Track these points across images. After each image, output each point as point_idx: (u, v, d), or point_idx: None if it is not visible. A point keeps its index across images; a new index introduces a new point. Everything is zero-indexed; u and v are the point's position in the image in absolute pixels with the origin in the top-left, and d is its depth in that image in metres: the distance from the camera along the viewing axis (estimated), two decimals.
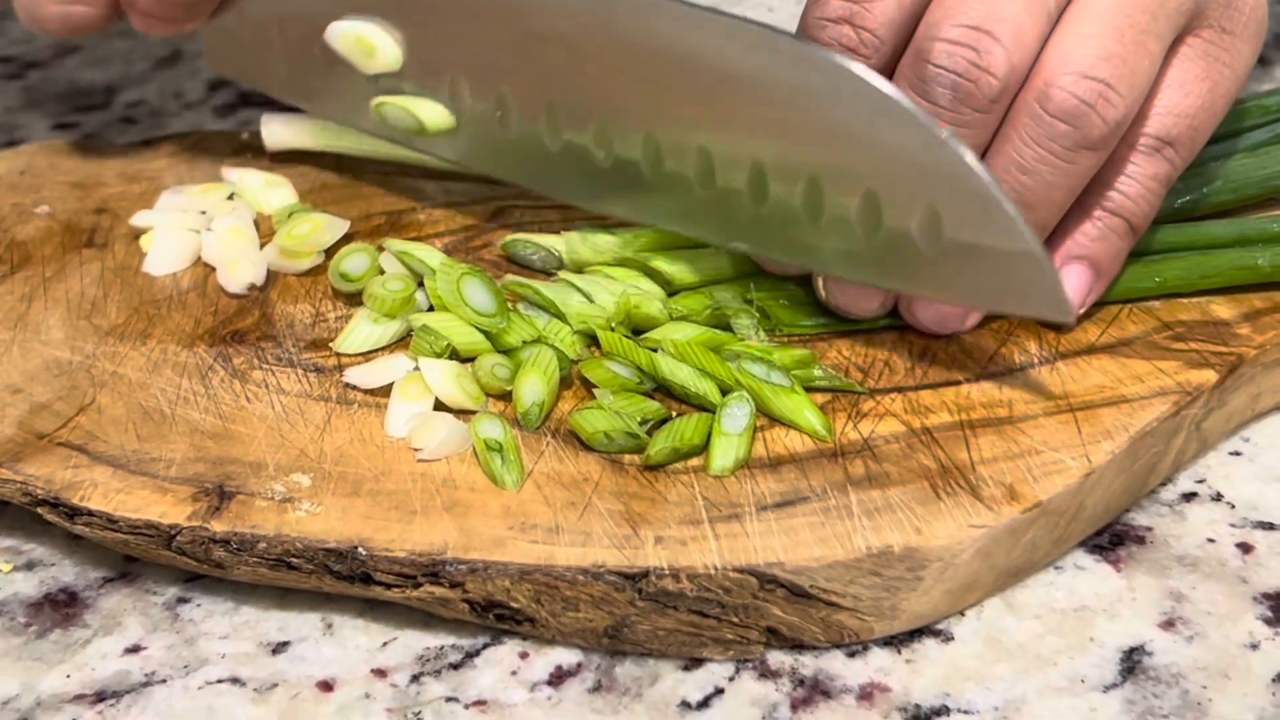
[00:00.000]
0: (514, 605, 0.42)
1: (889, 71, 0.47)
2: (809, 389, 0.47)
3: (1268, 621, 0.44)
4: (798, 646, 0.43)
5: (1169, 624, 0.44)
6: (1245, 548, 0.46)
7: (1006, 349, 0.49)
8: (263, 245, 0.55)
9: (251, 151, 0.62)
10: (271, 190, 0.58)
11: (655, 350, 0.47)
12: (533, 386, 0.46)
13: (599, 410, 0.45)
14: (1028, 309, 0.44)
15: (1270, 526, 0.47)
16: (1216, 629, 0.43)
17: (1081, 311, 0.49)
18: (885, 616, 0.42)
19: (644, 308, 0.49)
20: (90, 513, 0.44)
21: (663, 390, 0.48)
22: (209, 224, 0.56)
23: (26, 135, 0.72)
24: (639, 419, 0.46)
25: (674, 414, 0.47)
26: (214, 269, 0.54)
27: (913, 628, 0.43)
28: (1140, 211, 0.48)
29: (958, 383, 0.47)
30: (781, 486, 0.44)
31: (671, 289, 0.51)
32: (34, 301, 0.53)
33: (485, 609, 0.42)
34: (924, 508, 0.43)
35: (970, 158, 0.42)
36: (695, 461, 0.45)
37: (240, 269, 0.53)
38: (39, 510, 0.45)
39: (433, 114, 0.54)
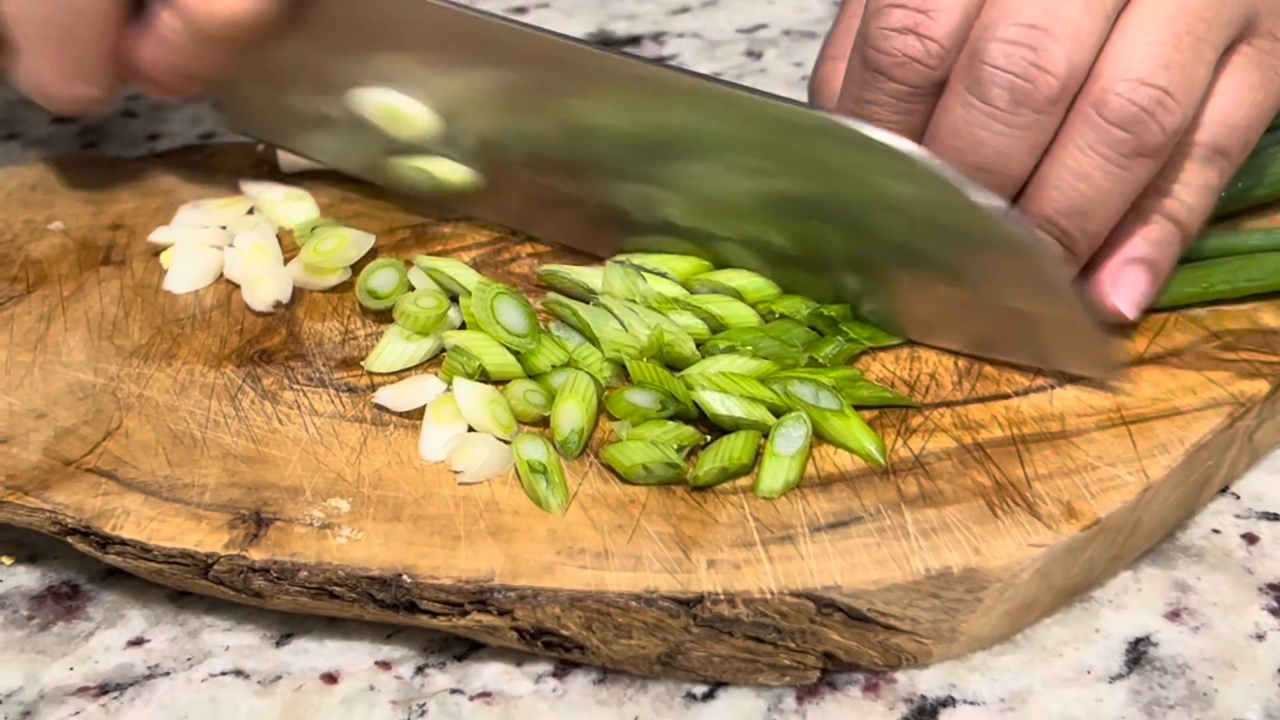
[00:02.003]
0: (564, 633, 0.41)
1: (940, 82, 0.46)
2: (857, 406, 0.46)
3: (1273, 612, 0.43)
4: (857, 671, 0.42)
5: (1175, 615, 0.43)
6: (1250, 539, 0.46)
7: None
8: (286, 261, 0.54)
9: (268, 164, 0.60)
10: (292, 204, 0.56)
11: (691, 389, 0.46)
12: (571, 414, 0.45)
13: (634, 443, 0.44)
14: (1077, 368, 0.47)
15: (1275, 517, 0.46)
16: (1222, 620, 0.43)
17: (1139, 314, 0.48)
18: (944, 639, 0.41)
19: (676, 347, 0.47)
20: (123, 542, 0.43)
21: (704, 420, 0.46)
22: (230, 240, 0.54)
23: (26, 129, 0.71)
24: (675, 446, 0.44)
25: (708, 438, 0.46)
26: (237, 286, 0.53)
27: (970, 651, 0.42)
28: (1194, 218, 0.48)
29: (1007, 396, 0.46)
30: (834, 506, 0.43)
31: (719, 325, 0.49)
32: (53, 322, 0.52)
33: (534, 636, 0.41)
34: (981, 527, 0.42)
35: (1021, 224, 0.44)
36: (744, 481, 0.44)
37: (265, 286, 0.52)
38: (69, 540, 0.44)
39: (452, 171, 0.54)
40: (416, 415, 0.47)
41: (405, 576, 0.41)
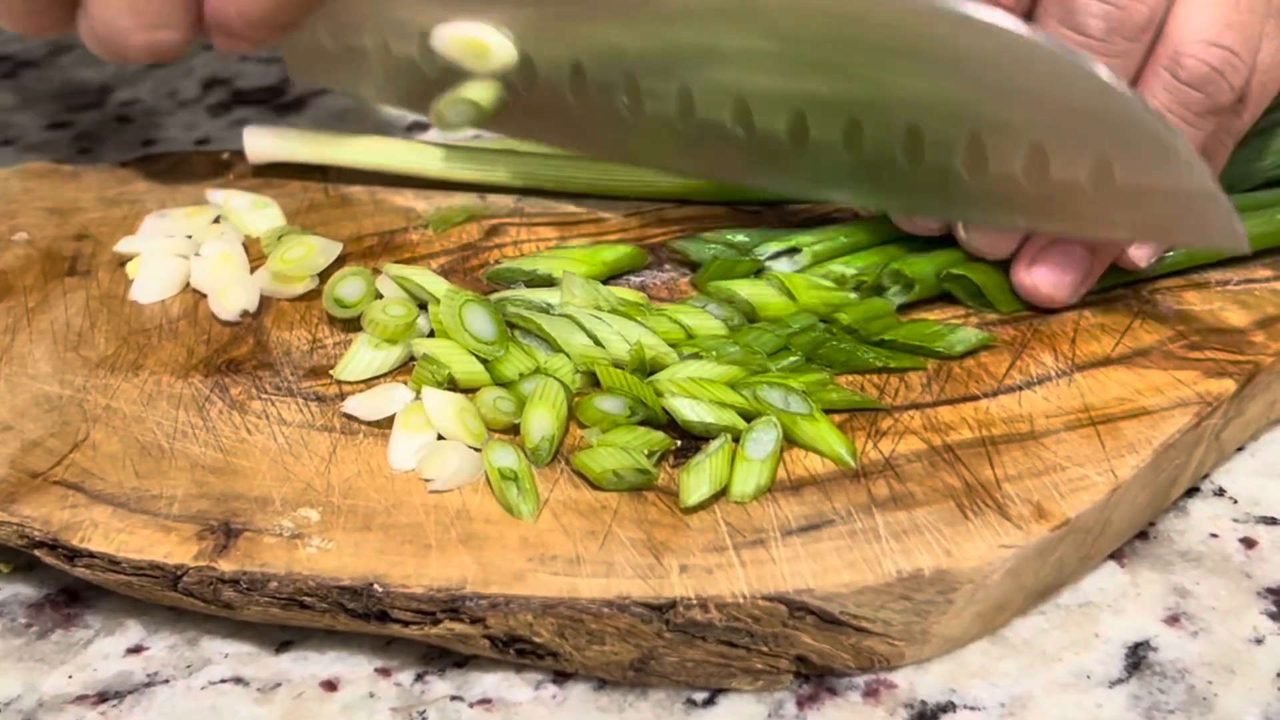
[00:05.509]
0: (537, 640, 0.41)
1: (1028, 14, 0.47)
2: (827, 410, 0.46)
3: (1272, 616, 0.43)
4: (829, 674, 0.42)
5: (1174, 619, 0.43)
6: (1248, 543, 0.46)
7: (1022, 362, 0.48)
8: (253, 269, 0.53)
9: (233, 171, 0.60)
10: (258, 211, 0.56)
11: (661, 395, 0.46)
12: (542, 421, 0.45)
13: (605, 449, 0.44)
14: (1201, 241, 0.46)
15: (1273, 521, 0.47)
16: (1221, 624, 0.43)
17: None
18: (916, 641, 0.42)
19: (661, 361, 0.47)
20: (91, 554, 0.43)
21: (674, 425, 0.46)
22: (197, 249, 0.54)
23: (20, 135, 0.71)
24: (646, 451, 0.44)
25: (678, 443, 0.46)
26: (204, 296, 0.53)
27: (943, 653, 0.42)
28: (1215, 165, 0.49)
29: (976, 397, 0.47)
30: (805, 510, 0.43)
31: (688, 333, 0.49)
32: (18, 334, 0.51)
33: (507, 644, 0.41)
34: (952, 529, 0.42)
35: (1141, 103, 0.43)
36: None
37: (232, 295, 0.51)
38: (36, 553, 0.44)
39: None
40: (386, 424, 0.47)
41: (376, 586, 0.41)
